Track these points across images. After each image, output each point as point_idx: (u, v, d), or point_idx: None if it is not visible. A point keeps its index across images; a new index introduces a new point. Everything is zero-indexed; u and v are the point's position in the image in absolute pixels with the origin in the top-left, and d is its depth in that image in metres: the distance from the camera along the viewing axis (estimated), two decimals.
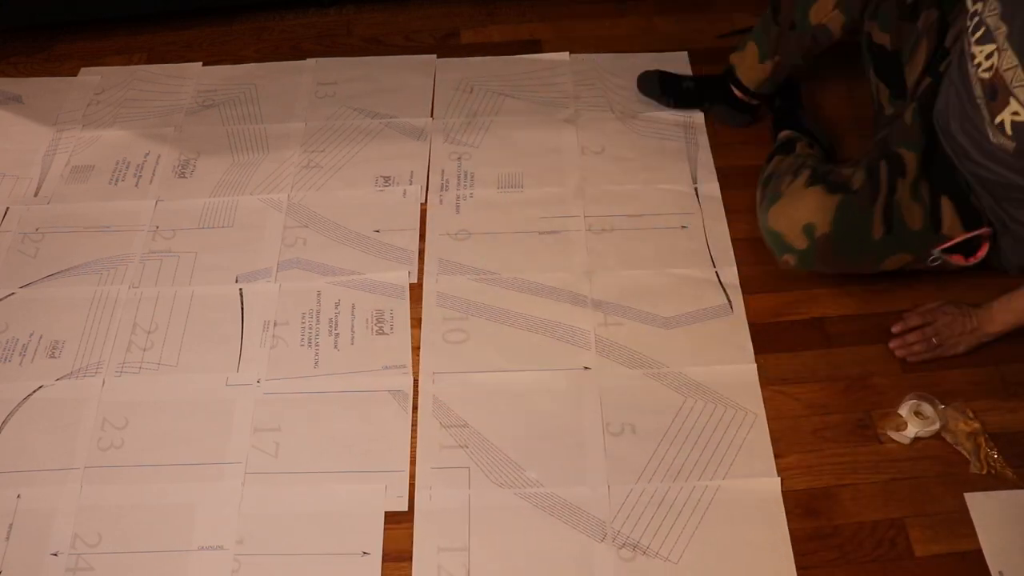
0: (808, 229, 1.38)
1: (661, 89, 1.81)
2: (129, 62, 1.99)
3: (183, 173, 1.74)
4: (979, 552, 1.25)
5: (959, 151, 1.39)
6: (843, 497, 1.31)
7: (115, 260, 1.61)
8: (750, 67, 1.70)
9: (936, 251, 1.40)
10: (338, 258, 1.60)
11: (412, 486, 1.32)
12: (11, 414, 1.41)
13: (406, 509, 1.30)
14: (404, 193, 1.70)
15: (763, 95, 1.74)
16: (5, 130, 1.85)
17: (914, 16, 1.47)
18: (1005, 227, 1.41)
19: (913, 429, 1.37)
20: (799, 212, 1.39)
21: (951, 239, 1.40)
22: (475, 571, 1.24)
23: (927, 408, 1.39)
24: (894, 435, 1.38)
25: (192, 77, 1.94)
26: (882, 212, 1.38)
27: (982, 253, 1.42)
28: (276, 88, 1.91)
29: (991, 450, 1.33)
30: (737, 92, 1.74)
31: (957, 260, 1.43)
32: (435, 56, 1.95)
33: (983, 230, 1.40)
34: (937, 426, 1.37)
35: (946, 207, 1.39)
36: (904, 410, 1.39)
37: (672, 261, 1.57)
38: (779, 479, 1.32)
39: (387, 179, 1.72)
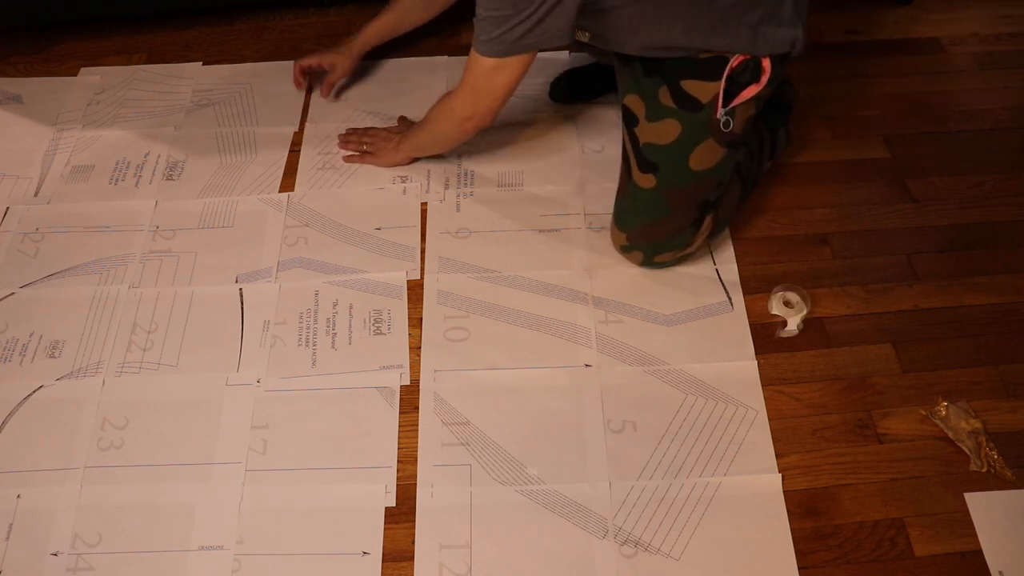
0: (625, 248, 1.53)
1: (572, 91, 1.83)
2: (129, 62, 1.99)
3: (170, 176, 1.74)
4: (979, 552, 1.25)
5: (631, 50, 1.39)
6: (843, 497, 1.30)
7: (115, 260, 1.60)
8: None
9: (720, 115, 1.37)
10: (340, 256, 1.60)
11: (413, 484, 1.32)
12: (11, 414, 1.41)
13: (394, 504, 1.30)
14: (404, 191, 1.70)
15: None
16: (5, 130, 1.84)
17: None
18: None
19: (793, 322, 1.47)
20: (612, 241, 1.56)
21: (718, 97, 1.37)
22: (477, 568, 1.24)
23: (793, 296, 1.49)
24: (783, 334, 1.47)
25: (192, 77, 1.94)
26: (639, 167, 1.45)
27: (766, 64, 1.35)
28: (276, 88, 1.91)
29: (991, 450, 1.33)
30: None
31: (751, 91, 1.37)
32: (446, 57, 1.97)
33: (733, 61, 1.34)
34: (807, 309, 1.48)
35: (691, 86, 1.37)
36: (776, 308, 1.49)
37: None
38: (780, 476, 1.32)
39: (388, 177, 1.72)
